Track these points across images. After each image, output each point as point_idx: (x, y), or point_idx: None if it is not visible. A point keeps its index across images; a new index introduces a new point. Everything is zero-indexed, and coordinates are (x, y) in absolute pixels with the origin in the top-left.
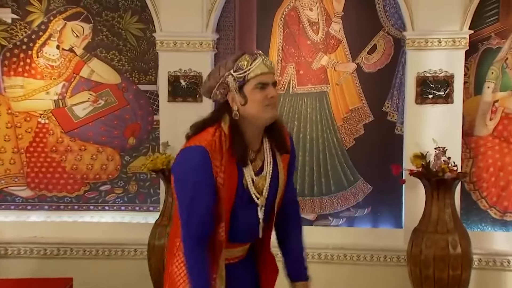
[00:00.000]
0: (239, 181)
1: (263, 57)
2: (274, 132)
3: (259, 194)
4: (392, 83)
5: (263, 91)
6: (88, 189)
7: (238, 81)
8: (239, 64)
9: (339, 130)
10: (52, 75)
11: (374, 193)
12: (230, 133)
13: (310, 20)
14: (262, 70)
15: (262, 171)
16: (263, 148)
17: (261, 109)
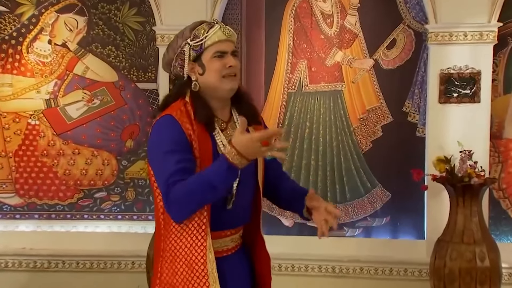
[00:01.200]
0: (213, 149)
1: (221, 24)
2: (242, 104)
3: None
4: (413, 81)
5: (221, 60)
6: (82, 196)
7: (195, 50)
8: (196, 32)
9: (355, 132)
10: (44, 73)
11: (394, 200)
12: (192, 101)
13: (324, 12)
14: (220, 37)
15: None
16: (233, 119)
17: (219, 79)
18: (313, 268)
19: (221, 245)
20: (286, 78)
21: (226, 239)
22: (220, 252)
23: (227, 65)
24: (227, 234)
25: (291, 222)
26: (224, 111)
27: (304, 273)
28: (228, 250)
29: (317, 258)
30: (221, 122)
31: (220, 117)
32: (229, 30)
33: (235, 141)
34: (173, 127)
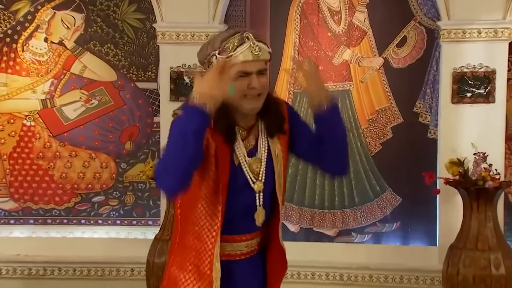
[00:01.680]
0: (231, 159)
1: (252, 42)
2: (268, 116)
3: (255, 178)
4: (424, 80)
5: (244, 80)
6: (79, 201)
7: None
8: (225, 45)
9: (363, 134)
10: (39, 72)
11: (404, 205)
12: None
13: (331, 8)
14: (246, 58)
15: (255, 152)
16: (257, 126)
17: (240, 98)
18: (320, 275)
19: (234, 249)
20: (292, 77)
21: (240, 243)
22: (233, 256)
23: (250, 86)
24: (242, 239)
25: (297, 228)
26: (248, 119)
27: (310, 280)
28: (242, 254)
29: (325, 265)
30: (242, 130)
31: (242, 125)
32: (258, 49)
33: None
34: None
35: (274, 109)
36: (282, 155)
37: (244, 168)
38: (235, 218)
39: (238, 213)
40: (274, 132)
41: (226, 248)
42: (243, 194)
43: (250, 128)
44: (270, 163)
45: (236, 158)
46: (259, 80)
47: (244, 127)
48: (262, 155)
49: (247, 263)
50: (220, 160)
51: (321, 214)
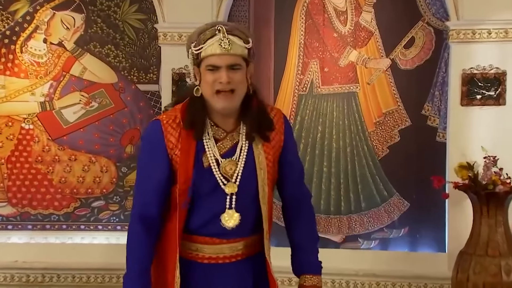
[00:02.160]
0: (197, 159)
1: (222, 34)
2: (248, 119)
3: (226, 179)
4: (433, 82)
5: (213, 74)
6: (78, 206)
7: (194, 57)
8: (200, 38)
9: (370, 137)
10: (38, 73)
11: (412, 210)
12: (187, 105)
13: (337, 8)
14: (214, 51)
15: (232, 155)
16: (238, 130)
17: (211, 94)
18: (326, 282)
19: (214, 251)
20: (297, 79)
21: (222, 246)
22: (215, 259)
23: (218, 81)
24: (223, 242)
25: None
26: (227, 121)
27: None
28: (225, 257)
29: (330, 272)
30: (221, 131)
31: (221, 126)
32: (228, 42)
33: None
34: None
35: (259, 113)
36: (266, 163)
37: (214, 169)
38: (206, 220)
39: (209, 216)
40: (253, 136)
41: (206, 250)
42: (213, 196)
43: (231, 131)
44: (252, 169)
45: (206, 160)
46: (230, 75)
47: (223, 129)
48: (240, 158)
49: (230, 269)
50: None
51: (327, 220)
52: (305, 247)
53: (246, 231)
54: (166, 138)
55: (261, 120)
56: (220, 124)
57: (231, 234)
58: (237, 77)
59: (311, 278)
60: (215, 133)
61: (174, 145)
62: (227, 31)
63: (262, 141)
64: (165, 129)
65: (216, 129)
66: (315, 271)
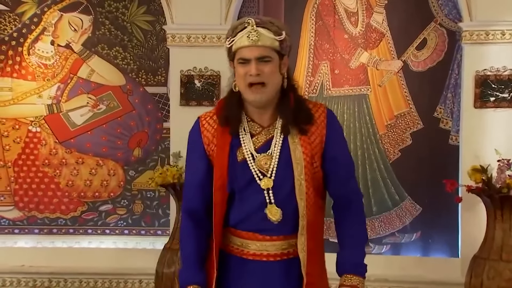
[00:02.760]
0: (231, 156)
1: (251, 27)
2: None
3: (262, 174)
4: (445, 84)
5: (244, 67)
6: (85, 210)
7: (228, 52)
8: (232, 32)
9: (381, 140)
10: (46, 76)
11: (425, 214)
12: (223, 102)
13: (348, 10)
14: (242, 43)
15: (267, 149)
16: (274, 125)
17: (244, 87)
18: None
19: (258, 247)
20: (307, 81)
21: (266, 243)
22: (259, 256)
23: (248, 73)
24: (265, 238)
25: None
26: (264, 116)
27: None
28: (270, 255)
29: None
30: (257, 126)
31: (257, 121)
32: (256, 34)
33: None
34: (193, 134)
35: (296, 106)
36: (303, 157)
37: (249, 163)
38: (246, 215)
39: (248, 210)
40: (288, 128)
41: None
42: (249, 190)
43: (267, 126)
44: (288, 164)
45: (241, 154)
46: (260, 67)
47: (259, 124)
48: (274, 152)
49: (279, 266)
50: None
51: None
52: (350, 246)
53: (288, 228)
54: (203, 134)
55: (298, 113)
56: (256, 119)
57: (272, 230)
58: (267, 69)
59: (351, 278)
60: (251, 128)
61: (210, 141)
62: (257, 24)
63: (299, 135)
64: (202, 125)
65: (252, 124)
66: (357, 272)
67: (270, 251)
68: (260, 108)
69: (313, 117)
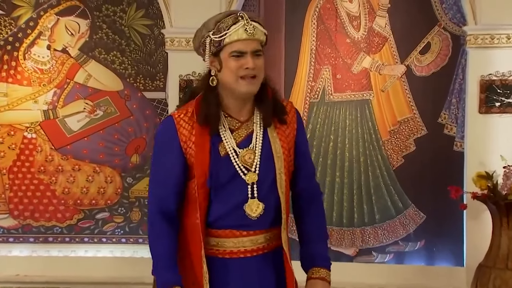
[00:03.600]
0: (213, 152)
1: (245, 20)
2: (263, 104)
3: (246, 169)
4: (449, 89)
5: (238, 60)
6: (82, 218)
7: (214, 45)
8: (219, 25)
9: (384, 146)
10: (42, 81)
11: (429, 222)
12: (201, 99)
13: (350, 13)
14: (240, 36)
15: (248, 144)
16: (252, 120)
17: (235, 80)
18: None
19: (235, 244)
20: (308, 86)
21: (243, 238)
22: (236, 253)
23: (244, 66)
24: (243, 234)
25: None
26: (242, 110)
27: None
28: (247, 251)
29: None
30: (235, 122)
31: (235, 116)
32: (253, 28)
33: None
34: (167, 132)
35: (273, 98)
36: (282, 151)
37: (233, 159)
38: (227, 211)
39: (230, 206)
40: (269, 120)
41: (226, 244)
42: (232, 186)
43: (246, 121)
44: (269, 157)
45: (223, 149)
46: (255, 61)
47: (237, 119)
48: (256, 146)
49: (255, 262)
50: (198, 155)
51: (339, 232)
52: (315, 240)
53: (267, 222)
54: (179, 131)
55: (275, 105)
56: (234, 115)
57: (251, 225)
58: (259, 63)
59: (319, 270)
60: (230, 123)
61: (187, 138)
62: (249, 17)
63: (276, 129)
64: (177, 122)
65: (230, 120)
66: (325, 265)
67: (247, 247)
68: (241, 102)
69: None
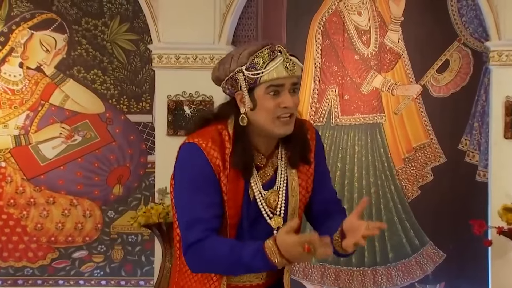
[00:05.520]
0: (245, 193)
1: (285, 56)
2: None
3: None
4: (471, 111)
5: (275, 98)
6: (56, 257)
7: (248, 82)
8: (254, 60)
9: (398, 176)
10: (13, 103)
11: (449, 262)
12: (234, 138)
13: (359, 27)
14: (279, 74)
15: (273, 184)
16: (276, 155)
17: (271, 120)
18: None
19: (241, 279)
20: (312, 107)
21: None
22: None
23: (282, 105)
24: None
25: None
26: (268, 145)
27: None
28: (252, 287)
29: None
30: (261, 157)
31: (261, 151)
32: (293, 64)
33: (279, 240)
34: (199, 159)
35: (300, 135)
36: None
37: (259, 203)
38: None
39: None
40: (297, 162)
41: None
42: (258, 228)
43: (270, 156)
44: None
45: (251, 192)
46: (293, 98)
47: (263, 154)
48: (280, 187)
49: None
50: (231, 196)
51: (348, 273)
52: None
53: None
54: (211, 162)
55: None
56: (261, 150)
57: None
58: (297, 101)
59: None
60: (256, 159)
61: (219, 169)
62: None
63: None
64: (207, 153)
65: (256, 155)
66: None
67: (253, 282)
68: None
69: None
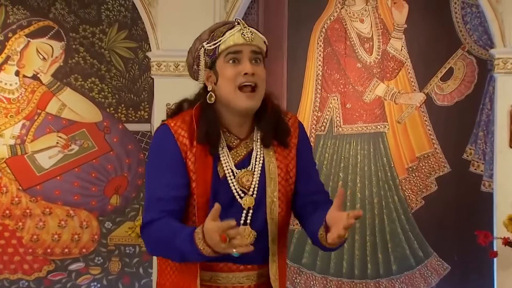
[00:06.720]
0: (214, 171)
1: (242, 25)
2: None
3: (243, 192)
4: (476, 120)
5: (236, 66)
6: (52, 269)
7: (209, 55)
8: (214, 34)
9: (401, 186)
10: (9, 112)
11: (454, 274)
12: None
13: (361, 35)
14: (236, 41)
15: (247, 164)
16: (252, 137)
17: (233, 90)
18: None
19: (230, 280)
20: (314, 116)
21: (239, 274)
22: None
23: (242, 72)
24: (239, 268)
25: None
26: (242, 127)
27: None
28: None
29: None
30: (234, 138)
31: (234, 132)
32: (251, 33)
33: (205, 225)
34: (166, 139)
35: (275, 116)
36: (278, 173)
37: (230, 180)
38: None
39: None
40: (270, 141)
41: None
42: (229, 211)
43: (244, 138)
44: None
45: (221, 170)
46: (253, 67)
47: (236, 136)
48: (256, 167)
49: None
50: (200, 174)
51: (351, 285)
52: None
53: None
54: (178, 140)
55: (277, 124)
56: (233, 131)
57: (246, 257)
58: (260, 71)
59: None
60: (228, 140)
61: (187, 149)
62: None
63: (274, 149)
64: (175, 131)
65: (229, 136)
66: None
67: (243, 284)
68: (241, 118)
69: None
